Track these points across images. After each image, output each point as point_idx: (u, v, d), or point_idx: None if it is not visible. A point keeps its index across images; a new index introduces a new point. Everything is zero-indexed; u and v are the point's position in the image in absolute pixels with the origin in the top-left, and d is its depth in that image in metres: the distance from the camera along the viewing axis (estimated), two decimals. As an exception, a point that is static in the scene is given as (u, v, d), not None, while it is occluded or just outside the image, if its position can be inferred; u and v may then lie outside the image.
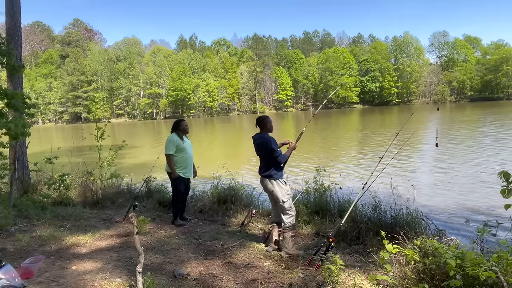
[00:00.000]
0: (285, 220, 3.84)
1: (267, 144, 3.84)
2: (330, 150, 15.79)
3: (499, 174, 2.46)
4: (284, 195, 3.83)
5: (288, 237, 3.81)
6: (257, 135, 4.04)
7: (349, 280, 2.88)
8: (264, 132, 4.00)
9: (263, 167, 3.96)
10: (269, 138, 3.89)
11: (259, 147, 3.98)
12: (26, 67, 32.80)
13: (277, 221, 4.04)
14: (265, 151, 3.89)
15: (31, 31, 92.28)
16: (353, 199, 4.15)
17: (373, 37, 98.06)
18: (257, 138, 4.00)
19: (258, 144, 3.97)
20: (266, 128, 4.00)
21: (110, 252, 3.85)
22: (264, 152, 3.92)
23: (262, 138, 3.92)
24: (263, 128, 4.01)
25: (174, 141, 4.99)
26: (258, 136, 4.00)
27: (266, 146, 3.85)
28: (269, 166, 3.88)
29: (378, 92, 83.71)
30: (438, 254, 2.53)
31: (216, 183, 6.28)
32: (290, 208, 3.85)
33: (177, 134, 5.10)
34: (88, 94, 79.97)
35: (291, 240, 3.82)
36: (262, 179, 3.99)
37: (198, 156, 17.93)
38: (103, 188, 6.74)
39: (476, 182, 8.24)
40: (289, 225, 3.83)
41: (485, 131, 19.08)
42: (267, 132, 4.00)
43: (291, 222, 3.84)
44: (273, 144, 3.84)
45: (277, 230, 4.00)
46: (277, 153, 3.81)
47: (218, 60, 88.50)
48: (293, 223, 3.88)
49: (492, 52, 79.44)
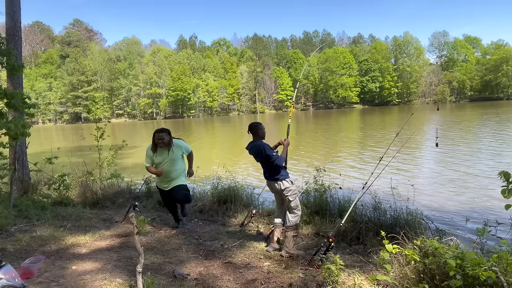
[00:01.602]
0: (290, 219, 3.86)
1: (261, 151, 3.86)
2: (330, 150, 15.78)
3: (499, 174, 2.46)
4: (291, 194, 3.86)
5: (290, 237, 3.83)
6: (250, 144, 4.05)
7: (349, 280, 2.88)
8: (256, 139, 4.01)
9: (266, 172, 3.99)
10: (262, 145, 3.90)
11: (255, 155, 4.01)
12: (26, 67, 32.84)
13: (279, 221, 4.05)
14: (262, 158, 3.92)
15: (31, 31, 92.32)
16: (353, 199, 4.14)
17: (373, 37, 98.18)
18: (251, 147, 4.01)
19: (254, 153, 4.00)
20: (258, 135, 4.00)
21: (110, 252, 3.85)
22: (262, 159, 3.94)
23: (256, 146, 3.94)
24: (256, 135, 4.02)
25: (147, 154, 4.79)
26: (252, 146, 4.01)
27: (261, 154, 3.87)
28: (271, 171, 3.91)
29: (378, 92, 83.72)
30: (438, 254, 2.53)
31: (216, 183, 6.27)
32: (296, 207, 3.88)
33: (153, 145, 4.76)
34: (88, 94, 79.93)
35: (292, 239, 3.83)
36: (269, 182, 4.02)
37: (198, 156, 17.91)
38: (103, 188, 6.74)
39: (476, 182, 8.24)
40: (292, 224, 3.85)
41: (485, 131, 19.08)
42: (259, 139, 4.00)
43: (296, 222, 3.87)
44: (267, 150, 3.85)
45: (279, 230, 4.01)
46: (273, 158, 3.82)
47: (218, 60, 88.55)
48: (297, 223, 3.90)
49: (492, 52, 79.50)
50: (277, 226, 4.05)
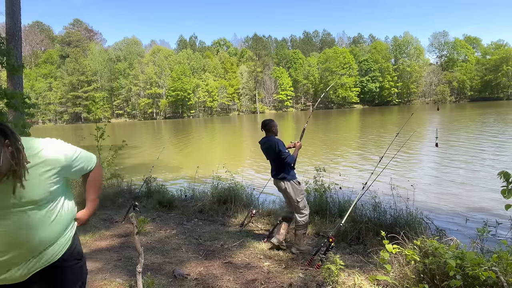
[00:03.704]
0: (299, 219, 3.91)
1: (275, 146, 3.89)
2: (330, 150, 15.78)
3: (499, 174, 2.45)
4: (298, 195, 3.89)
5: (300, 235, 3.91)
6: (263, 139, 4.09)
7: (349, 280, 2.88)
8: (270, 135, 4.05)
9: (274, 170, 4.02)
10: (276, 140, 3.94)
11: (267, 150, 4.03)
12: (26, 67, 32.79)
13: (288, 217, 4.10)
14: (274, 153, 3.93)
15: (31, 31, 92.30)
16: (353, 199, 4.14)
17: (373, 37, 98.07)
18: (265, 142, 4.05)
19: (266, 148, 4.02)
20: (272, 132, 4.05)
21: (110, 252, 3.85)
22: (273, 155, 3.96)
23: (269, 141, 3.97)
24: (269, 131, 4.06)
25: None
26: (265, 140, 4.05)
27: (274, 149, 3.89)
28: (280, 169, 3.93)
29: (378, 92, 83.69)
30: (438, 254, 2.53)
31: (216, 183, 6.27)
32: (304, 208, 3.92)
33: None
34: (88, 94, 79.92)
35: (302, 238, 3.93)
36: (275, 181, 4.05)
37: (199, 156, 17.80)
38: (103, 188, 6.74)
39: (476, 182, 8.23)
40: (302, 223, 3.91)
41: (485, 131, 19.07)
42: (273, 135, 4.04)
43: (304, 221, 3.92)
44: (281, 146, 3.88)
45: (287, 225, 4.06)
46: (285, 154, 3.85)
47: (218, 60, 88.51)
48: (306, 222, 3.96)
49: (492, 52, 79.40)
50: (286, 220, 4.10)
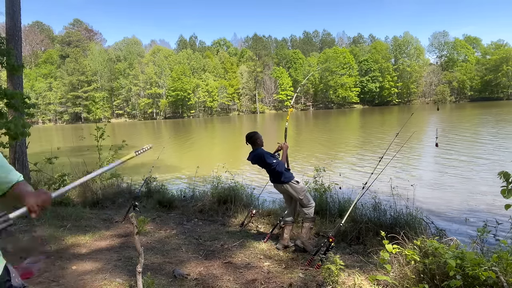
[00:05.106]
0: (306, 212, 3.99)
1: (263, 160, 3.99)
2: (330, 150, 15.78)
3: (499, 174, 2.45)
4: (299, 193, 3.96)
5: (307, 227, 3.97)
6: (251, 154, 4.16)
7: (349, 280, 2.88)
8: (256, 147, 4.12)
9: (271, 177, 4.12)
10: (261, 153, 4.02)
11: (258, 163, 4.12)
12: (26, 67, 32.78)
13: (290, 219, 4.13)
14: (264, 165, 4.04)
15: (31, 31, 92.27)
16: (353, 199, 4.15)
17: (373, 37, 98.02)
18: (252, 157, 4.13)
19: (256, 162, 4.12)
20: (257, 144, 4.12)
21: (110, 252, 3.85)
22: (264, 166, 4.07)
23: (256, 155, 4.07)
24: (254, 144, 4.13)
25: None
26: (253, 156, 4.13)
27: (263, 162, 4.00)
28: (276, 175, 4.01)
29: (378, 92, 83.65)
30: (438, 254, 2.53)
31: (216, 183, 6.28)
32: (309, 202, 4.00)
33: None
34: (88, 94, 79.95)
35: (309, 231, 3.98)
36: (275, 185, 4.14)
37: (198, 156, 17.79)
38: (103, 188, 6.74)
39: (476, 182, 8.23)
40: (310, 216, 3.98)
41: (485, 131, 19.07)
42: (259, 147, 4.11)
43: (312, 213, 3.99)
44: (267, 158, 3.97)
45: (290, 228, 4.11)
46: (274, 165, 3.94)
47: (218, 60, 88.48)
48: (313, 216, 4.02)
49: (492, 52, 79.36)
50: (287, 224, 4.12)
